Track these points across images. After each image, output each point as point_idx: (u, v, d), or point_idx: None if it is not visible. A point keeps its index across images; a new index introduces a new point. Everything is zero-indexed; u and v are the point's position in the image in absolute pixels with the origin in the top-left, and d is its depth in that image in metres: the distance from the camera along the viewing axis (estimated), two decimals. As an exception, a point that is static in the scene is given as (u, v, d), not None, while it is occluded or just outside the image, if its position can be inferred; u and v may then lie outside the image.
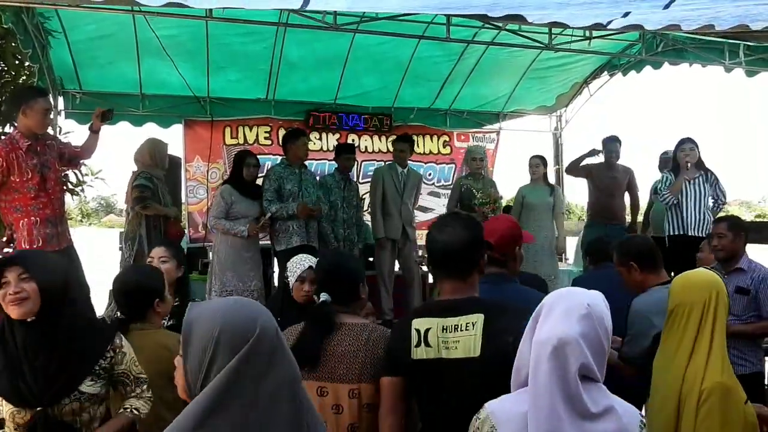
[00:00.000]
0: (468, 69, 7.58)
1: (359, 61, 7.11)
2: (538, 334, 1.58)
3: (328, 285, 2.35)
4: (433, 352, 1.96)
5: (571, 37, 5.96)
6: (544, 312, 1.60)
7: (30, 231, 4.02)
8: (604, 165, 6.47)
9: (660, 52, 6.86)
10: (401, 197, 6.17)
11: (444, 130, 8.56)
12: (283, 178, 5.56)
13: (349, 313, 2.33)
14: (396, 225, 6.13)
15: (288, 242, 5.46)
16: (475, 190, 5.88)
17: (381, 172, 6.32)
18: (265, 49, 6.70)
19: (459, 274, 2.04)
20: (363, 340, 2.22)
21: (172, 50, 6.18)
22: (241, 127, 7.62)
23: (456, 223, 2.07)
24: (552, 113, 8.98)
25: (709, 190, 5.56)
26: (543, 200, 6.27)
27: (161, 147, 5.25)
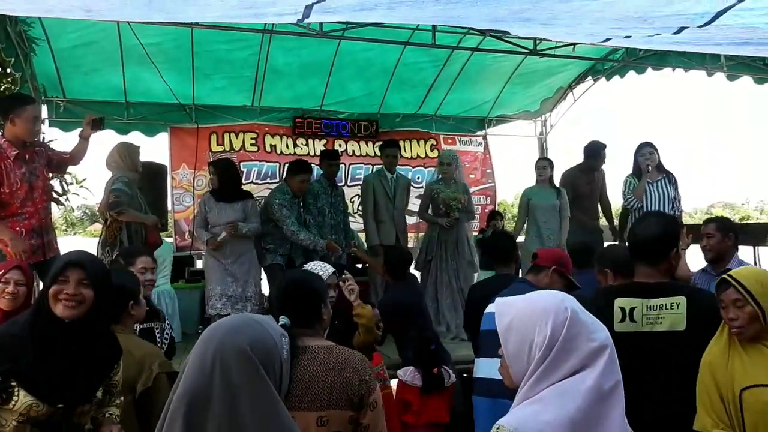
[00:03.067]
0: (453, 75, 7.63)
1: (345, 68, 7.14)
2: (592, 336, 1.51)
3: (288, 307, 2.25)
4: (636, 327, 2.43)
5: (555, 43, 6.03)
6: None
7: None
8: (586, 171, 6.50)
9: (643, 57, 6.96)
10: (393, 203, 6.19)
11: (431, 134, 8.61)
12: (285, 207, 5.57)
13: (312, 336, 2.25)
14: (389, 232, 6.14)
15: (273, 259, 5.58)
16: (443, 194, 5.87)
17: (371, 179, 6.33)
18: (251, 56, 6.71)
19: (654, 262, 2.50)
20: (330, 363, 2.15)
21: (156, 57, 6.17)
22: (227, 134, 7.61)
23: (656, 219, 2.60)
24: (537, 118, 9.06)
25: (671, 191, 5.63)
26: (549, 202, 6.18)
27: (131, 149, 5.13)
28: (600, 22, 2.62)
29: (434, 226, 5.96)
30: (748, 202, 53.82)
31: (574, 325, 1.44)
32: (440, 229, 5.87)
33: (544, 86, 8.35)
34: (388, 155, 6.28)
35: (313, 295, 2.30)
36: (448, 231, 5.86)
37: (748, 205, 52.41)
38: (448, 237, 5.87)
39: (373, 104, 8.06)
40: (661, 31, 2.70)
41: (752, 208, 51.71)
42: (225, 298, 5.16)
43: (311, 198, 5.89)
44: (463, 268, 5.84)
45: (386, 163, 6.29)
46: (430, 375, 3.71)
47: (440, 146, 8.62)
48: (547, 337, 1.43)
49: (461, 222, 5.93)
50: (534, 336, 1.45)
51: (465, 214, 5.97)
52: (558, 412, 1.38)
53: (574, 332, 1.43)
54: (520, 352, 1.47)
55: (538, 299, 1.53)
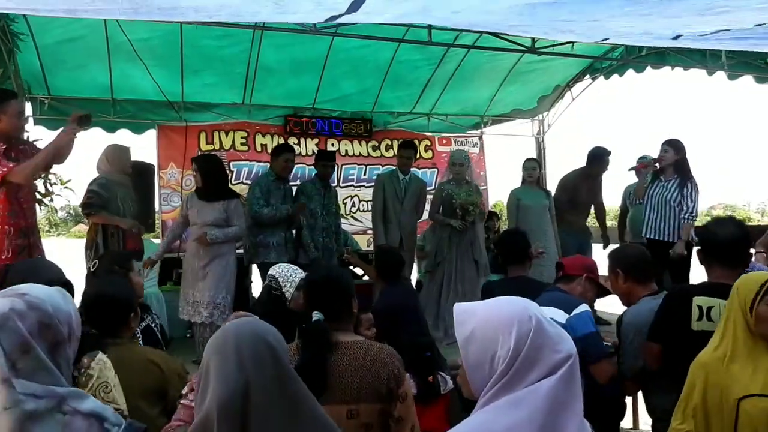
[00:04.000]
0: (449, 73, 7.64)
1: (338, 65, 7.13)
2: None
3: (321, 302, 2.30)
4: (713, 326, 2.46)
5: (553, 41, 6.04)
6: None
7: (1, 241, 3.93)
8: (585, 176, 6.48)
9: (642, 55, 6.99)
10: (401, 205, 6.15)
11: (425, 134, 8.61)
12: (270, 191, 5.60)
13: (343, 331, 2.30)
14: (394, 234, 6.10)
15: (265, 257, 5.49)
16: (455, 195, 5.86)
17: (382, 179, 6.30)
18: (242, 53, 6.69)
19: (731, 264, 2.65)
20: (360, 358, 2.22)
21: (144, 54, 6.14)
22: (217, 133, 7.59)
23: (735, 222, 2.76)
24: (534, 117, 9.08)
25: (675, 194, 5.41)
26: (540, 203, 6.18)
27: (118, 151, 5.11)
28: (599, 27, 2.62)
29: (445, 228, 5.91)
30: (749, 204, 54.08)
31: (538, 336, 1.40)
32: (452, 231, 5.84)
33: (542, 85, 8.36)
34: (401, 156, 6.25)
35: (346, 289, 2.35)
36: (461, 233, 5.82)
37: (749, 207, 52.64)
38: (461, 239, 5.83)
39: (367, 102, 8.05)
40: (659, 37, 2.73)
41: (753, 210, 51.95)
42: (193, 302, 4.96)
43: (304, 198, 5.88)
44: (472, 271, 5.81)
45: (400, 164, 6.26)
46: (426, 383, 3.69)
47: (435, 147, 8.62)
48: (511, 350, 1.38)
49: (475, 224, 5.89)
50: (497, 348, 1.40)
51: (478, 215, 5.95)
52: (509, 421, 1.35)
53: (539, 343, 1.39)
54: (481, 363, 1.43)
55: (500, 307, 1.47)
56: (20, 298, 1.48)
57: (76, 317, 1.60)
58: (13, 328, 1.43)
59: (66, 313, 1.55)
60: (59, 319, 1.51)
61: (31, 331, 1.45)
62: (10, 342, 1.42)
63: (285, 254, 5.59)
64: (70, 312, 1.57)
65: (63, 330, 1.51)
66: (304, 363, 2.16)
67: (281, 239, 5.60)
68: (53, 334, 1.49)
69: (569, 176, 6.58)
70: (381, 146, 8.39)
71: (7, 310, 1.45)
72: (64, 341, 1.52)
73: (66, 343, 1.52)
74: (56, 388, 1.45)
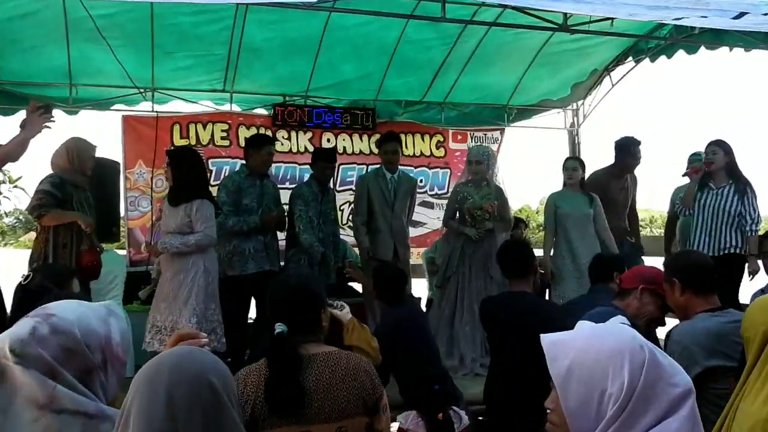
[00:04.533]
0: (466, 55, 7.63)
1: (336, 46, 7.14)
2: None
3: (286, 313, 2.42)
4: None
5: (589, 17, 6.04)
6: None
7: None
8: (615, 174, 6.54)
9: (695, 33, 6.95)
10: (392, 209, 6.14)
11: (437, 128, 8.61)
12: (242, 190, 5.61)
13: (315, 342, 2.43)
14: (386, 243, 6.09)
15: (243, 267, 5.50)
16: (470, 200, 5.85)
17: (366, 180, 6.31)
18: (223, 31, 6.71)
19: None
20: (342, 369, 2.36)
21: (109, 32, 6.16)
22: (193, 125, 7.60)
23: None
24: (567, 107, 9.07)
25: (736, 204, 5.50)
26: (582, 211, 6.11)
27: (83, 147, 5.12)
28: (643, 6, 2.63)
29: (459, 237, 5.91)
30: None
31: (653, 369, 1.39)
32: (466, 241, 5.84)
33: (576, 69, 8.35)
34: (387, 151, 6.24)
35: (314, 299, 2.49)
36: (476, 243, 5.82)
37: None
38: (475, 250, 5.83)
39: (370, 90, 8.06)
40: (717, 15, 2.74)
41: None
42: (154, 329, 4.77)
43: (302, 204, 5.87)
44: (491, 289, 5.79)
45: (385, 161, 6.25)
46: (435, 421, 3.69)
47: (448, 143, 8.61)
48: (625, 385, 1.36)
49: (494, 233, 5.85)
50: (606, 385, 1.38)
51: (500, 223, 5.91)
52: None
53: (654, 376, 1.38)
54: (586, 404, 1.40)
55: (604, 336, 1.46)
56: (45, 321, 1.56)
57: (121, 341, 1.65)
58: (34, 355, 1.51)
59: (99, 337, 1.60)
60: (89, 344, 1.57)
61: (55, 357, 1.52)
62: (36, 367, 1.50)
63: (267, 263, 5.59)
64: (108, 335, 1.62)
65: (94, 356, 1.57)
66: (273, 379, 2.27)
67: (260, 245, 5.59)
68: (81, 361, 1.56)
69: (597, 173, 6.60)
70: (386, 141, 8.38)
71: (27, 335, 1.52)
72: (95, 368, 1.57)
73: (98, 370, 1.58)
74: (105, 408, 1.54)
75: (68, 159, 4.96)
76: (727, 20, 2.73)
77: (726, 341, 2.84)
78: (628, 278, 3.50)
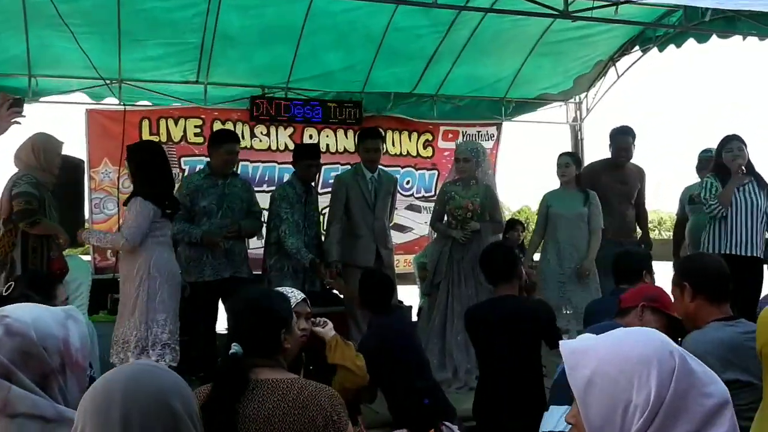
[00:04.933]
0: (460, 43, 7.67)
1: (319, 33, 7.16)
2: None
3: (241, 332, 2.41)
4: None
5: (593, 2, 6.08)
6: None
7: None
8: (611, 166, 6.58)
9: (706, 21, 7.01)
10: (372, 211, 6.14)
11: (428, 125, 8.65)
12: (200, 191, 5.60)
13: (269, 367, 2.38)
14: (368, 248, 6.07)
15: (199, 274, 5.52)
16: (459, 197, 5.89)
17: (344, 180, 6.26)
18: (196, 17, 6.71)
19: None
20: (291, 398, 2.28)
21: (71, 19, 6.15)
22: (164, 120, 7.59)
23: None
24: (569, 100, 9.13)
25: (762, 200, 5.69)
26: (575, 211, 6.17)
27: (49, 145, 5.12)
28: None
29: (447, 240, 5.96)
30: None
31: (684, 377, 1.34)
32: (454, 245, 5.89)
33: (579, 59, 8.41)
34: (368, 149, 6.18)
35: (272, 317, 2.43)
36: (464, 247, 5.86)
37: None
38: (463, 254, 5.87)
39: (356, 81, 8.09)
40: None
41: None
42: (113, 340, 4.79)
43: (287, 206, 5.84)
44: (482, 295, 5.83)
45: (365, 159, 6.19)
46: None
47: (437, 142, 8.62)
48: (653, 396, 1.32)
49: (483, 235, 5.89)
50: (632, 394, 1.34)
51: (488, 224, 5.96)
52: None
53: (685, 386, 1.33)
54: (609, 416, 1.36)
55: (630, 342, 1.42)
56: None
57: (80, 346, 1.67)
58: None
59: (57, 340, 1.62)
60: (47, 347, 1.59)
61: (11, 360, 1.55)
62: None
63: (228, 269, 5.58)
64: (66, 339, 1.63)
65: (52, 360, 1.59)
66: (211, 402, 2.25)
67: (218, 250, 5.56)
68: (39, 365, 1.57)
69: (592, 164, 6.67)
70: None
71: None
72: (52, 372, 1.59)
73: (56, 374, 1.60)
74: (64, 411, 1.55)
75: (35, 156, 4.95)
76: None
77: (741, 353, 2.82)
78: (629, 296, 3.51)
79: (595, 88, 8.95)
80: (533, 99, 9.02)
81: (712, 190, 5.70)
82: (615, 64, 8.58)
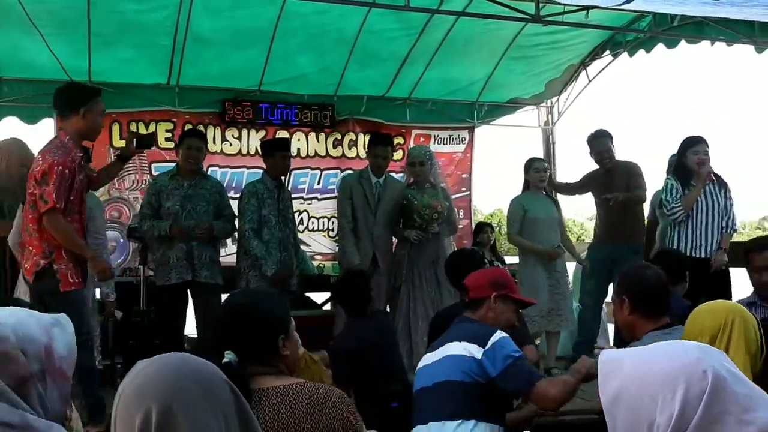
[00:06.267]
0: (433, 46, 7.69)
1: (292, 36, 7.15)
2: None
3: (235, 338, 2.23)
4: None
5: (564, 7, 6.12)
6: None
7: (76, 262, 4.17)
8: (598, 171, 6.53)
9: (675, 26, 7.09)
10: (374, 215, 6.12)
11: (400, 128, 8.66)
12: (164, 192, 5.55)
13: (269, 375, 2.23)
14: (365, 251, 6.05)
15: (166, 278, 5.48)
16: (416, 201, 5.91)
17: (349, 182, 6.31)
18: (167, 19, 6.68)
19: None
20: (304, 405, 2.15)
21: (40, 20, 6.11)
22: (135, 123, 7.55)
23: None
24: (541, 104, 9.19)
25: (722, 199, 5.69)
26: (551, 215, 6.26)
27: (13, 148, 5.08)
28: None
29: (405, 243, 5.99)
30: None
31: (717, 400, 1.24)
32: (412, 247, 5.91)
33: (550, 63, 8.46)
34: (377, 155, 6.20)
35: (269, 321, 2.26)
36: (422, 248, 5.88)
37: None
38: (421, 256, 5.89)
39: (329, 84, 8.08)
40: None
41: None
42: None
43: (255, 203, 5.79)
44: (443, 294, 5.86)
45: (373, 164, 6.23)
46: None
47: (408, 145, 8.63)
48: (675, 417, 1.24)
49: (440, 236, 5.96)
50: (655, 414, 1.27)
51: (445, 225, 6.01)
52: None
53: (718, 410, 1.24)
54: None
55: (661, 356, 1.34)
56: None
57: (65, 354, 1.61)
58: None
59: (39, 345, 1.57)
60: (26, 350, 1.54)
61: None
62: None
63: (188, 272, 5.50)
64: (49, 345, 1.59)
65: (30, 365, 1.54)
66: None
67: (182, 253, 5.48)
68: (15, 368, 1.52)
69: (583, 180, 6.72)
70: (344, 142, 8.40)
71: None
72: (30, 379, 1.54)
73: (35, 380, 1.55)
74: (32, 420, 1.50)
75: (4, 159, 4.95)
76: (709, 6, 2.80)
77: None
78: (475, 287, 3.42)
79: (567, 92, 9.01)
80: (505, 103, 9.06)
81: (672, 192, 5.72)
82: (586, 69, 8.64)
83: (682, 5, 3.71)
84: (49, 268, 4.09)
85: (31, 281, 4.11)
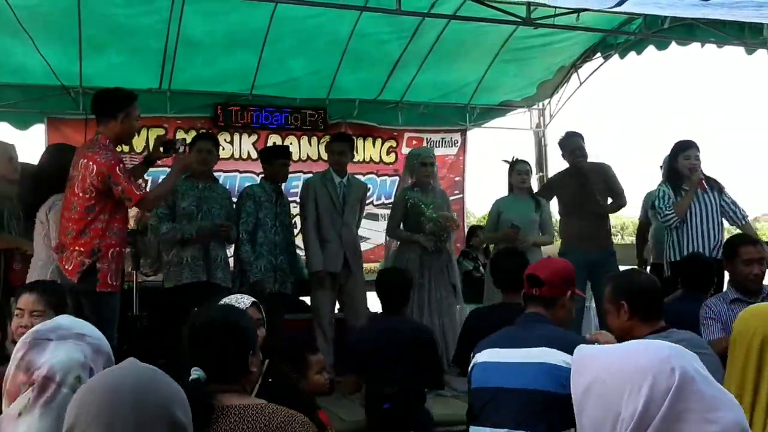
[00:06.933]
0: (425, 50, 7.70)
1: (283, 39, 7.15)
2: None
3: (202, 355, 2.18)
4: None
5: (554, 10, 6.14)
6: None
7: (119, 262, 4.34)
8: (570, 171, 6.43)
9: (665, 28, 7.12)
10: (341, 216, 6.12)
11: (393, 131, 8.68)
12: (179, 193, 5.57)
13: (236, 393, 2.19)
14: (335, 254, 6.04)
15: (178, 278, 5.46)
16: (424, 205, 5.91)
17: (312, 184, 6.26)
18: (159, 23, 6.66)
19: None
20: (262, 426, 2.07)
21: (30, 24, 6.08)
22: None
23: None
24: (533, 106, 9.21)
25: (717, 198, 5.70)
26: (527, 217, 6.21)
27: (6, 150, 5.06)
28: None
29: (413, 247, 5.99)
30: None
31: (682, 398, 1.25)
32: (423, 251, 5.92)
33: (542, 66, 8.49)
34: (333, 151, 6.23)
35: (238, 338, 2.23)
36: (436, 254, 5.95)
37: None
38: (434, 261, 5.94)
39: (321, 87, 8.08)
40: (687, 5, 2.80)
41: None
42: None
43: (251, 206, 5.81)
44: (448, 299, 5.87)
45: (332, 162, 6.22)
46: None
47: (400, 148, 8.64)
48: (638, 412, 1.25)
49: (448, 239, 6.06)
50: (621, 408, 1.28)
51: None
52: None
53: (681, 408, 1.24)
54: (599, 428, 1.32)
55: (632, 353, 1.36)
56: (82, 341, 1.82)
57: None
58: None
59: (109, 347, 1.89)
60: (111, 356, 1.87)
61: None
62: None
63: (204, 272, 5.51)
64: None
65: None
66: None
67: (198, 252, 5.51)
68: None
69: (553, 179, 6.71)
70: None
71: (83, 359, 1.79)
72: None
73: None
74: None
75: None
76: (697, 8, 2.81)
77: None
78: (551, 283, 3.29)
79: (558, 95, 9.04)
80: (497, 105, 9.08)
81: (665, 199, 5.71)
82: (577, 71, 8.67)
83: (672, 7, 3.77)
84: (92, 267, 4.16)
85: (75, 282, 4.12)
